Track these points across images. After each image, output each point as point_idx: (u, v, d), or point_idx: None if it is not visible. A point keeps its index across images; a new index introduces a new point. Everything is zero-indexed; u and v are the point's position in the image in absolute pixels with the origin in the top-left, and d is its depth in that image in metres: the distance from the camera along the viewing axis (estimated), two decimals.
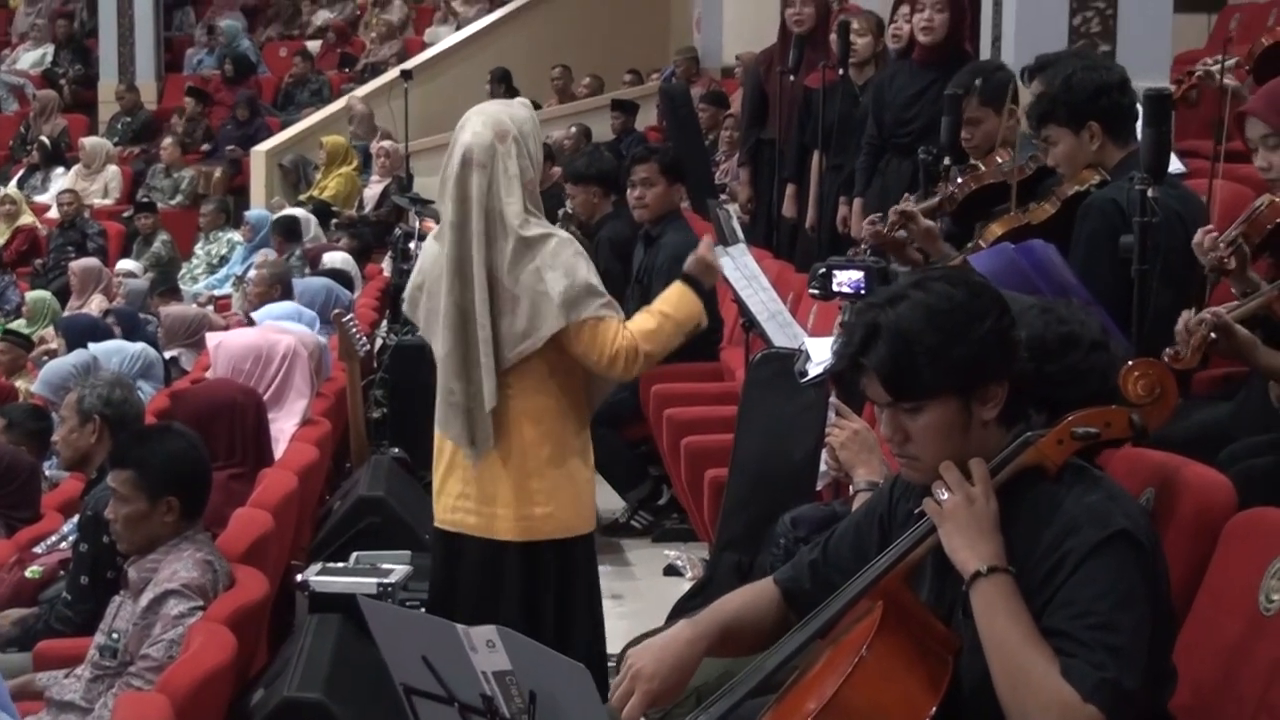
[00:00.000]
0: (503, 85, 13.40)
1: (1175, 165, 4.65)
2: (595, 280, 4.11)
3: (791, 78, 7.70)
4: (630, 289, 6.75)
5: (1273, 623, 2.76)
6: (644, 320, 4.22)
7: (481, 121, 4.15)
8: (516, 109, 4.27)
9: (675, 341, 4.26)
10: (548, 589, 4.20)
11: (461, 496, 4.21)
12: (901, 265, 5.13)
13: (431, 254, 4.28)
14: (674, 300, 4.27)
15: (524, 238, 4.05)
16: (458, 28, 15.96)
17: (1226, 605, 2.90)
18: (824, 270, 4.32)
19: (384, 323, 8.91)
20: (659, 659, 2.72)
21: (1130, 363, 2.71)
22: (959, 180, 5.05)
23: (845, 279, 4.24)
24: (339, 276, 8.88)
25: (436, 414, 4.25)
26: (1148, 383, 2.66)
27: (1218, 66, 5.66)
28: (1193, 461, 3.10)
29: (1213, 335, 3.38)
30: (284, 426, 5.70)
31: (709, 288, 4.39)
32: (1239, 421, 3.74)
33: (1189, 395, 4.10)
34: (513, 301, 4.07)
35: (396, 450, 6.72)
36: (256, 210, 12.54)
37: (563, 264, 4.05)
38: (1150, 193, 3.74)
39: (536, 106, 12.90)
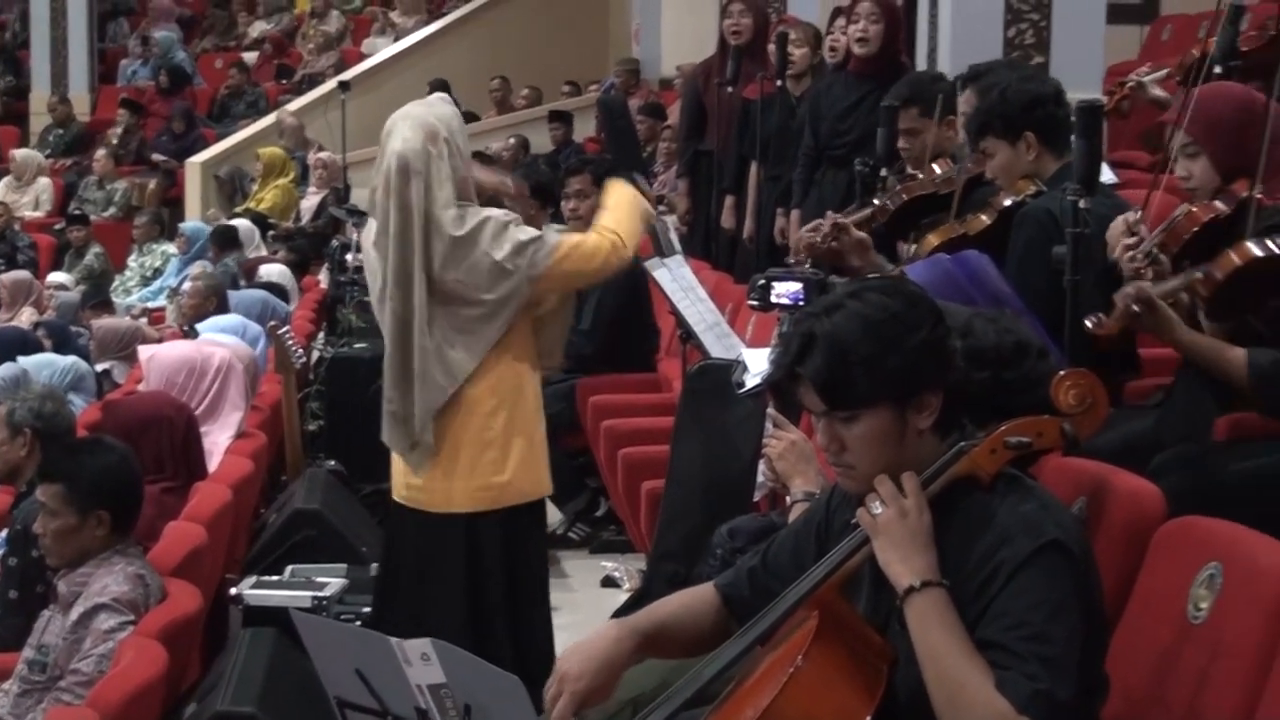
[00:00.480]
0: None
1: (1108, 175, 4.70)
2: (532, 229, 4.20)
3: (729, 89, 7.71)
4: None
5: (1201, 631, 2.78)
6: (598, 221, 4.35)
7: (410, 127, 4.18)
8: (439, 107, 4.32)
9: (637, 224, 4.38)
10: (509, 556, 4.26)
11: (427, 476, 4.26)
12: (840, 276, 5.16)
13: (372, 264, 4.30)
14: (613, 194, 4.41)
15: (461, 236, 4.11)
16: (396, 39, 15.91)
17: (1156, 613, 2.91)
18: (763, 282, 4.33)
19: (321, 335, 8.86)
20: (586, 657, 2.71)
21: (1062, 372, 2.73)
22: (896, 188, 5.08)
23: (784, 290, 4.25)
24: (275, 289, 8.83)
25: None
26: (1079, 392, 2.67)
27: (1149, 78, 5.73)
28: (1123, 471, 3.13)
29: (1135, 308, 3.42)
30: (218, 439, 5.66)
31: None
32: (1167, 431, 3.77)
33: (1119, 404, 4.13)
34: (468, 291, 4.13)
35: (333, 463, 6.69)
36: (191, 222, 12.44)
37: (507, 237, 4.12)
38: (1083, 203, 3.77)
39: (475, 118, 12.99)
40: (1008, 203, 4.40)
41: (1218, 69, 5.22)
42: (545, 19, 15.59)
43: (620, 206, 4.38)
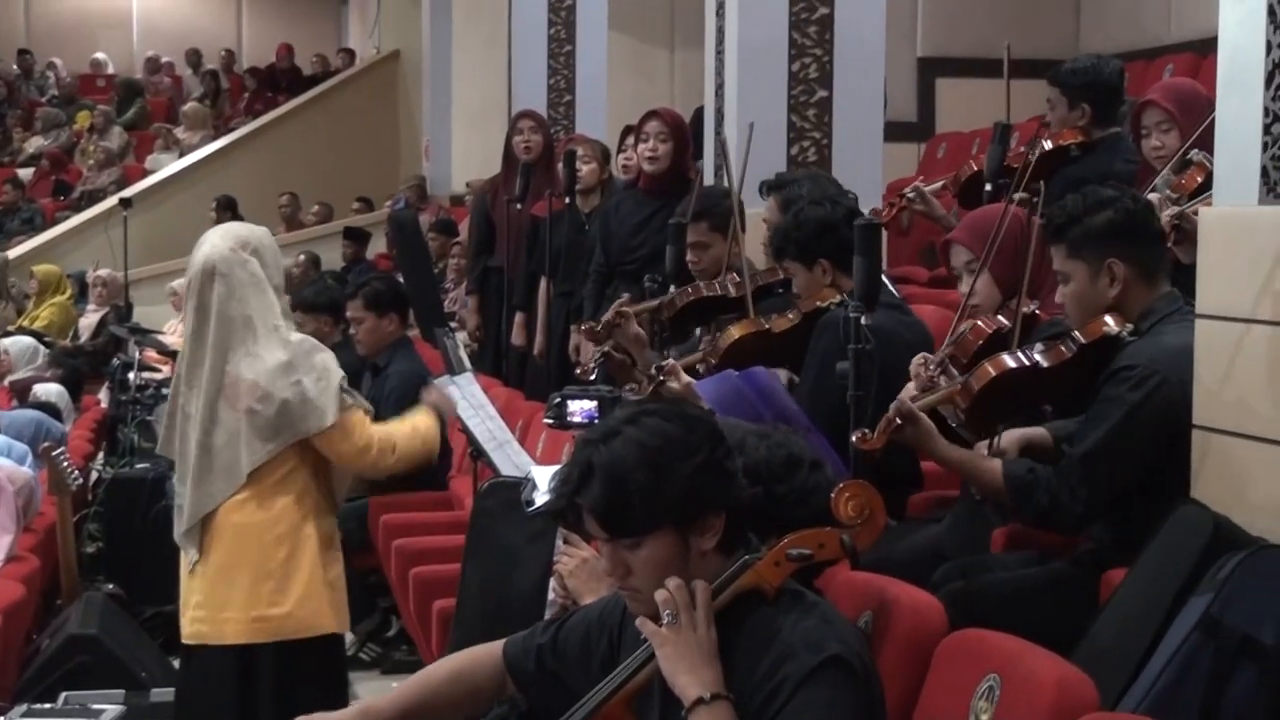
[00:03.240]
0: (228, 212, 13.21)
1: (893, 292, 4.80)
2: (343, 380, 4.24)
3: (518, 206, 7.74)
4: None
5: None
6: (395, 424, 4.45)
7: (220, 235, 4.30)
8: (254, 228, 4.41)
9: (419, 452, 4.48)
10: (284, 693, 4.17)
11: (199, 606, 4.21)
12: (625, 387, 5.20)
13: None
14: (419, 419, 4.52)
15: (274, 341, 4.15)
16: (181, 155, 15.71)
17: None
18: (559, 400, 4.36)
19: (100, 455, 8.61)
20: None
21: (841, 485, 2.77)
22: (686, 286, 5.16)
23: (579, 409, 4.28)
24: (49, 409, 8.56)
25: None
26: (858, 504, 2.72)
27: (928, 189, 5.92)
28: (906, 584, 3.16)
29: (898, 421, 3.50)
30: None
31: (448, 415, 4.63)
32: (951, 542, 3.84)
33: (905, 517, 4.21)
34: (259, 403, 4.13)
35: (111, 586, 6.49)
36: None
37: (316, 365, 4.17)
38: (864, 319, 3.85)
39: None
40: (811, 308, 4.50)
41: (988, 186, 5.42)
42: (335, 135, 15.56)
43: (418, 432, 4.47)
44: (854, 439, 3.58)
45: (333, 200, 14.71)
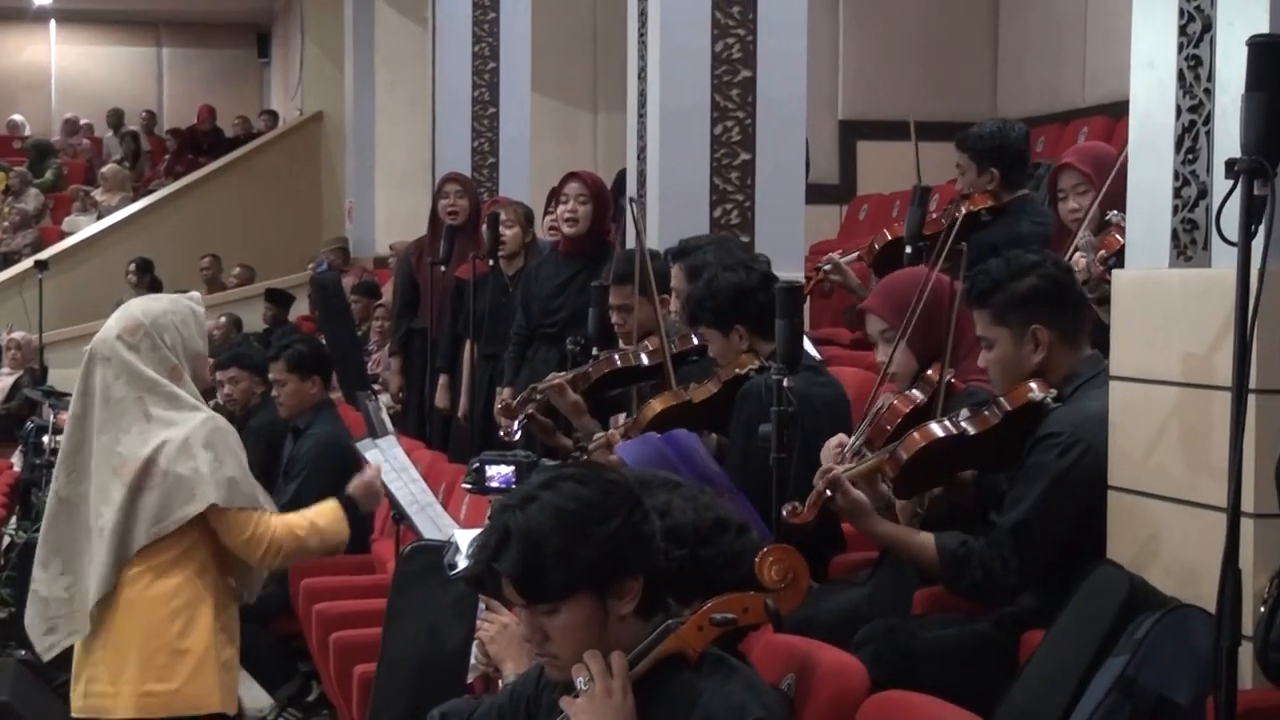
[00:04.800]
0: (146, 274, 13.11)
1: (812, 353, 4.83)
2: (243, 464, 4.20)
3: (443, 268, 7.74)
4: (278, 481, 6.60)
5: None
6: (294, 520, 4.33)
7: (116, 318, 4.27)
8: (153, 303, 4.36)
9: (313, 553, 4.43)
10: None
11: (91, 680, 4.17)
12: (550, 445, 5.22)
13: None
14: (327, 514, 4.42)
15: (169, 420, 4.12)
16: (99, 217, 15.59)
17: None
18: (478, 465, 4.35)
19: (13, 519, 8.48)
20: None
21: (765, 549, 2.78)
22: (602, 357, 5.17)
23: (497, 474, 4.28)
24: None
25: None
26: (781, 568, 2.73)
27: (846, 259, 5.97)
28: (829, 646, 3.17)
29: (828, 492, 3.51)
30: None
31: (366, 512, 4.52)
32: (874, 603, 3.85)
33: (827, 579, 4.22)
34: (150, 483, 4.09)
35: (24, 652, 6.37)
36: None
37: (214, 446, 4.14)
38: (786, 382, 3.86)
39: None
40: (731, 375, 4.50)
41: (908, 249, 5.48)
42: (258, 197, 15.50)
43: (319, 531, 4.37)
44: (784, 513, 3.58)
45: (255, 262, 14.64)
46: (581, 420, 5.02)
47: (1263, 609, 2.91)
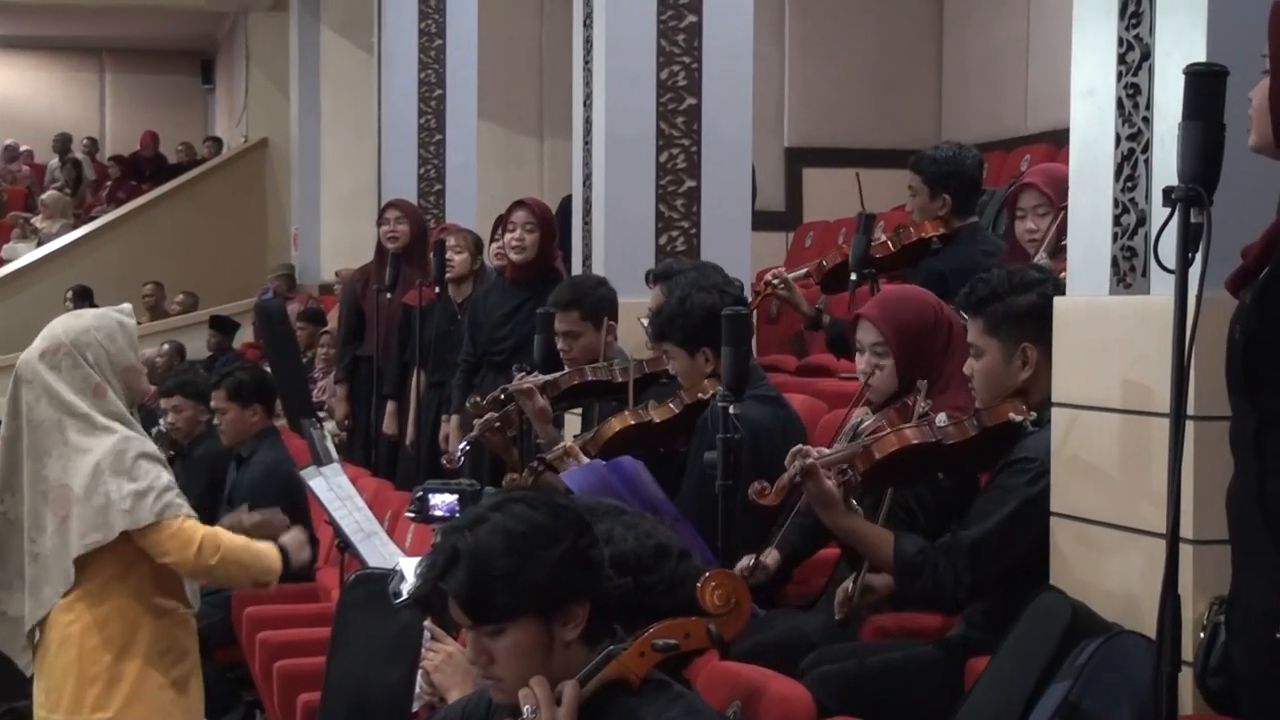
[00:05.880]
0: (85, 302, 13.01)
1: (764, 380, 4.83)
2: (157, 477, 4.15)
3: (388, 295, 7.72)
4: (221, 509, 6.55)
5: None
6: (233, 535, 4.32)
7: (40, 337, 4.27)
8: (75, 320, 4.35)
9: (244, 572, 4.36)
10: None
11: (40, 706, 4.18)
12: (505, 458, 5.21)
13: None
14: (263, 548, 4.40)
15: (90, 442, 4.11)
16: (40, 244, 15.48)
17: None
18: (421, 493, 4.33)
19: None
20: None
21: (707, 574, 2.78)
22: (569, 370, 5.17)
23: (440, 502, 4.26)
24: None
25: None
26: (724, 593, 2.73)
27: (794, 275, 5.99)
28: (775, 674, 3.18)
29: (798, 479, 3.50)
30: None
31: (295, 568, 4.51)
32: (820, 629, 3.86)
33: (775, 604, 4.22)
34: (72, 510, 4.08)
35: None
36: None
37: (122, 471, 4.11)
38: (733, 409, 3.87)
39: None
40: (693, 399, 4.52)
41: (853, 275, 5.50)
42: (202, 223, 15.43)
43: (252, 552, 4.35)
44: (751, 492, 3.57)
45: (199, 289, 14.56)
46: (545, 428, 5.01)
47: (1202, 634, 2.94)
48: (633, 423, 4.66)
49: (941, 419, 3.63)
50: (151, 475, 4.14)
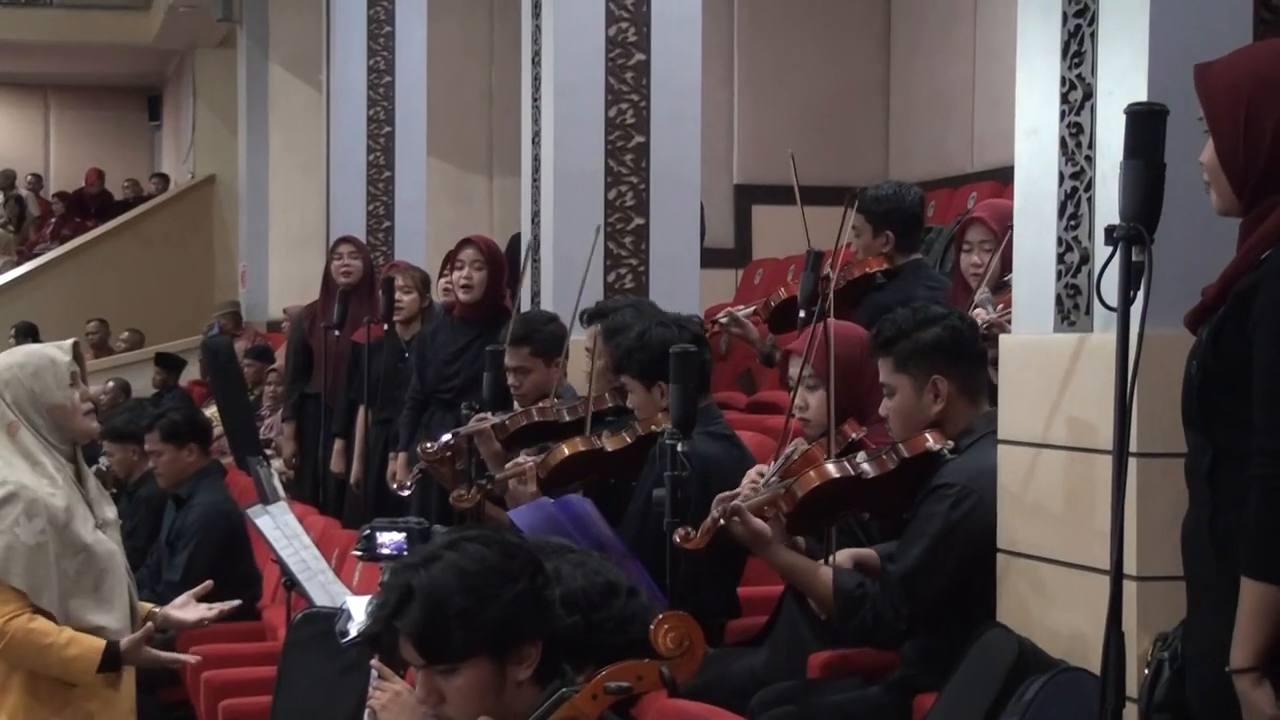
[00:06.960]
0: (29, 339, 12.91)
1: (719, 418, 4.84)
2: (29, 540, 3.96)
3: (337, 333, 7.68)
4: (157, 548, 6.50)
5: None
6: (48, 628, 4.04)
7: None
8: (3, 357, 4.22)
9: (51, 668, 4.07)
10: None
11: None
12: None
13: None
14: (89, 646, 4.09)
15: None
16: None
17: None
18: (369, 531, 4.31)
19: None
20: None
21: (660, 616, 2.77)
22: (520, 410, 5.16)
23: (388, 540, 4.25)
24: None
25: None
26: (677, 635, 2.72)
27: (741, 312, 6.01)
28: (723, 711, 3.17)
29: (722, 521, 3.52)
30: None
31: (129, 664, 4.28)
32: (771, 667, 3.86)
33: (724, 643, 4.22)
34: None
35: None
36: None
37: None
38: (681, 446, 3.87)
39: None
40: (646, 431, 4.53)
41: (802, 313, 5.51)
42: (148, 260, 15.36)
43: (74, 648, 4.06)
44: (676, 538, 3.59)
45: (145, 326, 14.47)
46: (498, 465, 5.01)
47: (1146, 671, 2.95)
48: (583, 449, 4.67)
49: (861, 455, 3.66)
50: (21, 535, 3.96)
